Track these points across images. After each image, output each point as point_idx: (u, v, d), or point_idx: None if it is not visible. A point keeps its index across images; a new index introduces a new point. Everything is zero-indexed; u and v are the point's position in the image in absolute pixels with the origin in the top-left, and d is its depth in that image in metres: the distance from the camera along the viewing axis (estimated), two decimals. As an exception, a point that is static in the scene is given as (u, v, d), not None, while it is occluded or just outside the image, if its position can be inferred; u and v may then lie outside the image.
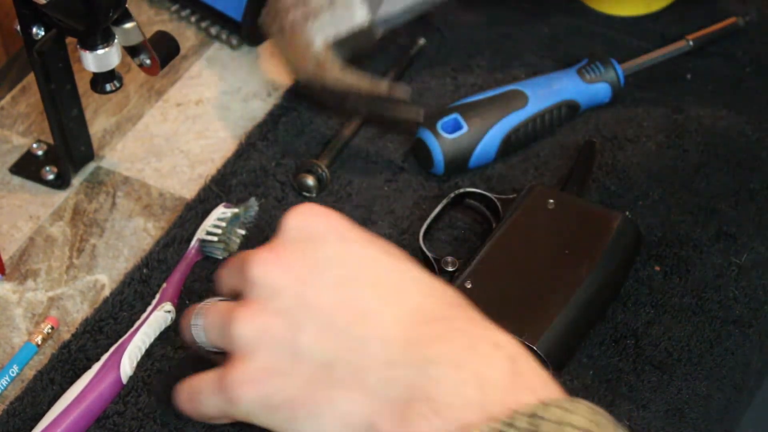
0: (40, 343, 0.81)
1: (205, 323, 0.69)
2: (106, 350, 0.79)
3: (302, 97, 0.93)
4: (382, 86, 0.86)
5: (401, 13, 0.91)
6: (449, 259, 0.81)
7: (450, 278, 0.80)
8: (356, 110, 0.88)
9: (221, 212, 0.86)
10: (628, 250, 0.80)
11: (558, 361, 0.74)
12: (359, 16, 0.88)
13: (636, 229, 0.81)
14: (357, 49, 0.89)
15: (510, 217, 0.81)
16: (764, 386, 0.80)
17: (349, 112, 0.90)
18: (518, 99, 0.91)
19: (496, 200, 0.84)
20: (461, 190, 0.86)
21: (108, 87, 0.82)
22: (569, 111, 0.92)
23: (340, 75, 0.87)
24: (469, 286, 0.77)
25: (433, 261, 0.81)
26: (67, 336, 0.81)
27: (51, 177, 0.91)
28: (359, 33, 0.89)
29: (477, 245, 0.82)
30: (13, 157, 0.93)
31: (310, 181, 0.89)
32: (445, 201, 0.86)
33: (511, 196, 0.84)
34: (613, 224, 0.79)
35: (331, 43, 0.87)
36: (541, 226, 0.80)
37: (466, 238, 0.86)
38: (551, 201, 0.81)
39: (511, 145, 0.90)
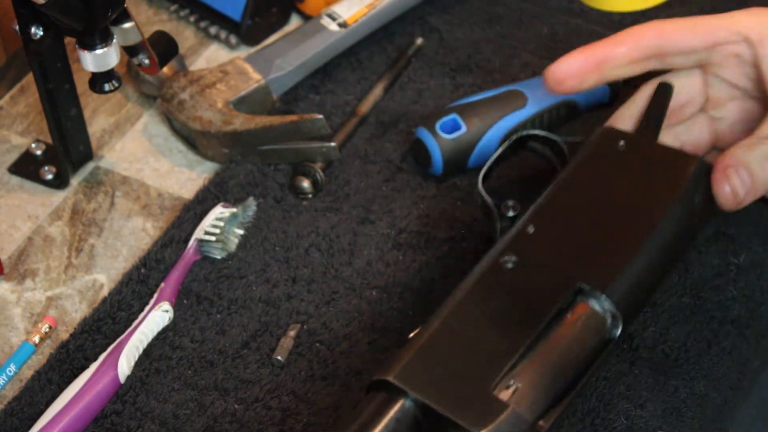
0: (38, 342, 0.81)
1: None
2: (104, 350, 0.79)
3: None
4: (288, 118, 0.89)
5: (291, 72, 0.94)
6: (510, 203, 0.75)
7: (511, 224, 0.74)
8: (272, 144, 0.90)
9: (219, 212, 0.86)
10: (704, 195, 0.75)
11: (627, 311, 0.69)
12: (254, 80, 0.93)
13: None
14: (258, 104, 0.93)
15: (577, 159, 0.76)
16: (758, 385, 0.80)
17: (267, 154, 0.91)
18: (517, 99, 0.90)
19: (562, 144, 0.78)
20: (524, 133, 0.80)
21: (106, 87, 0.82)
22: (568, 111, 0.92)
23: (245, 121, 0.90)
24: (531, 231, 0.72)
25: (492, 206, 0.76)
26: (65, 336, 0.81)
27: (50, 177, 0.91)
28: (256, 91, 0.93)
29: (539, 191, 0.76)
30: (12, 157, 0.93)
31: (305, 183, 0.89)
32: (506, 143, 0.79)
33: (578, 139, 0.78)
34: (689, 167, 0.74)
35: (232, 102, 0.91)
36: (610, 169, 0.75)
37: (528, 185, 0.82)
38: (622, 143, 0.75)
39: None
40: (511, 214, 0.75)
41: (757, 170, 0.74)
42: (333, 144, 0.90)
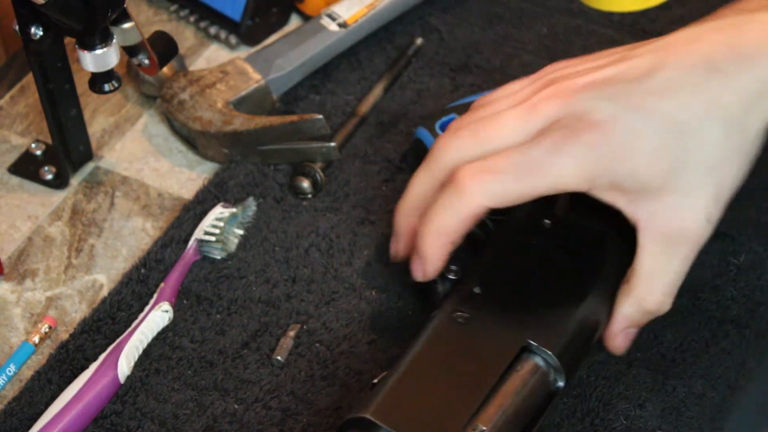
0: (37, 342, 0.81)
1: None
2: (104, 350, 0.79)
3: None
4: (288, 118, 0.89)
5: (291, 72, 0.95)
6: (453, 267, 0.78)
7: (451, 285, 0.78)
8: (272, 143, 0.90)
9: (219, 212, 0.86)
10: (619, 265, 0.79)
11: (570, 367, 0.74)
12: (254, 80, 0.93)
13: (629, 245, 0.78)
14: (258, 104, 0.93)
15: (508, 233, 0.80)
16: (756, 385, 0.80)
17: (267, 154, 0.91)
18: (517, 99, 0.90)
19: (488, 222, 0.82)
20: None
21: (106, 87, 0.82)
22: (568, 111, 0.92)
23: (245, 121, 0.90)
24: (477, 291, 0.76)
25: None
26: (65, 336, 0.81)
27: (49, 177, 0.91)
28: (256, 91, 0.93)
29: (469, 257, 0.79)
30: (12, 157, 0.93)
31: (305, 183, 0.89)
32: None
33: (503, 219, 0.81)
34: (607, 243, 0.79)
35: (231, 102, 0.91)
36: (540, 242, 0.79)
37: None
38: (547, 221, 0.80)
39: (509, 145, 0.90)
40: (452, 277, 0.78)
41: (640, 319, 0.75)
42: (333, 144, 0.90)
